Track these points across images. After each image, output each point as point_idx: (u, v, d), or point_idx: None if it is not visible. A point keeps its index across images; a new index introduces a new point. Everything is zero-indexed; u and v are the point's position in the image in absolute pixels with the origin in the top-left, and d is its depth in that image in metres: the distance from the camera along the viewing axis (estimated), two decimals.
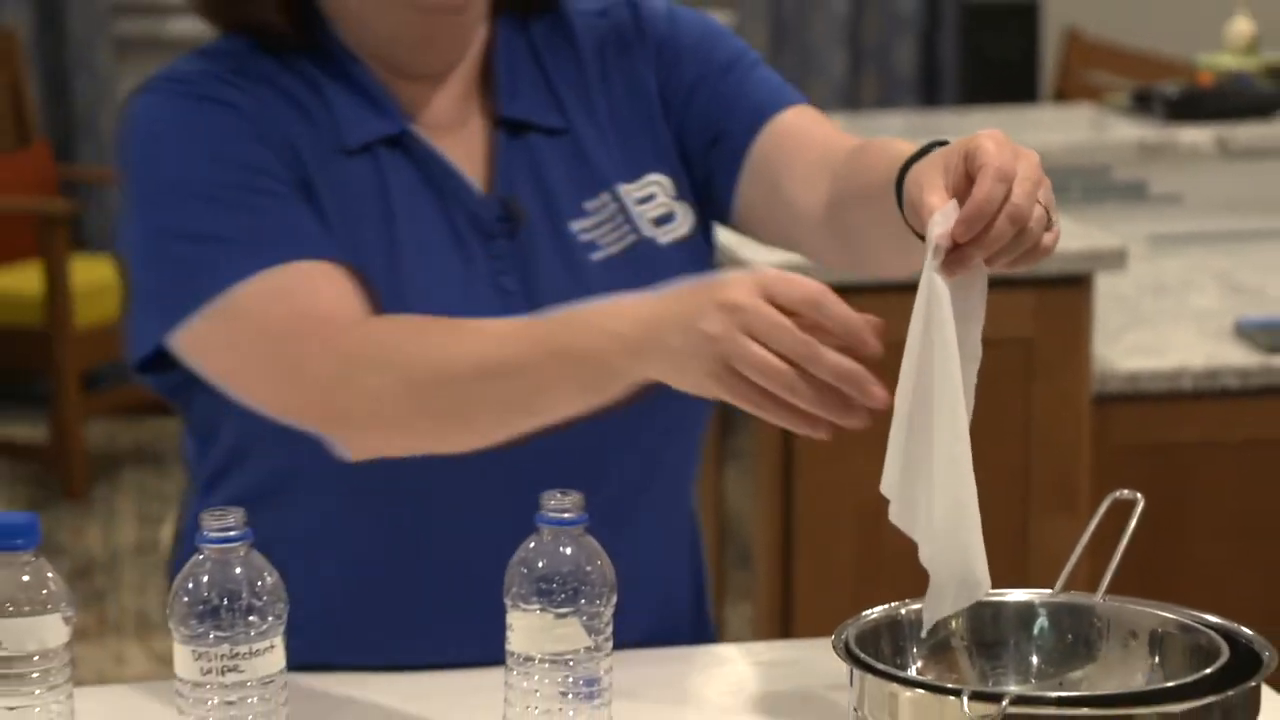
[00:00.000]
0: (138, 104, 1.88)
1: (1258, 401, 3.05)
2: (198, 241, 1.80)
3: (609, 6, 1.98)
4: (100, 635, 5.05)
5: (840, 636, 1.54)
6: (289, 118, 1.87)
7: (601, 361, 1.59)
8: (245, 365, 1.79)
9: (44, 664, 1.51)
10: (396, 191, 1.87)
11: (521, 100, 1.93)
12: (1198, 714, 1.44)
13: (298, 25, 1.89)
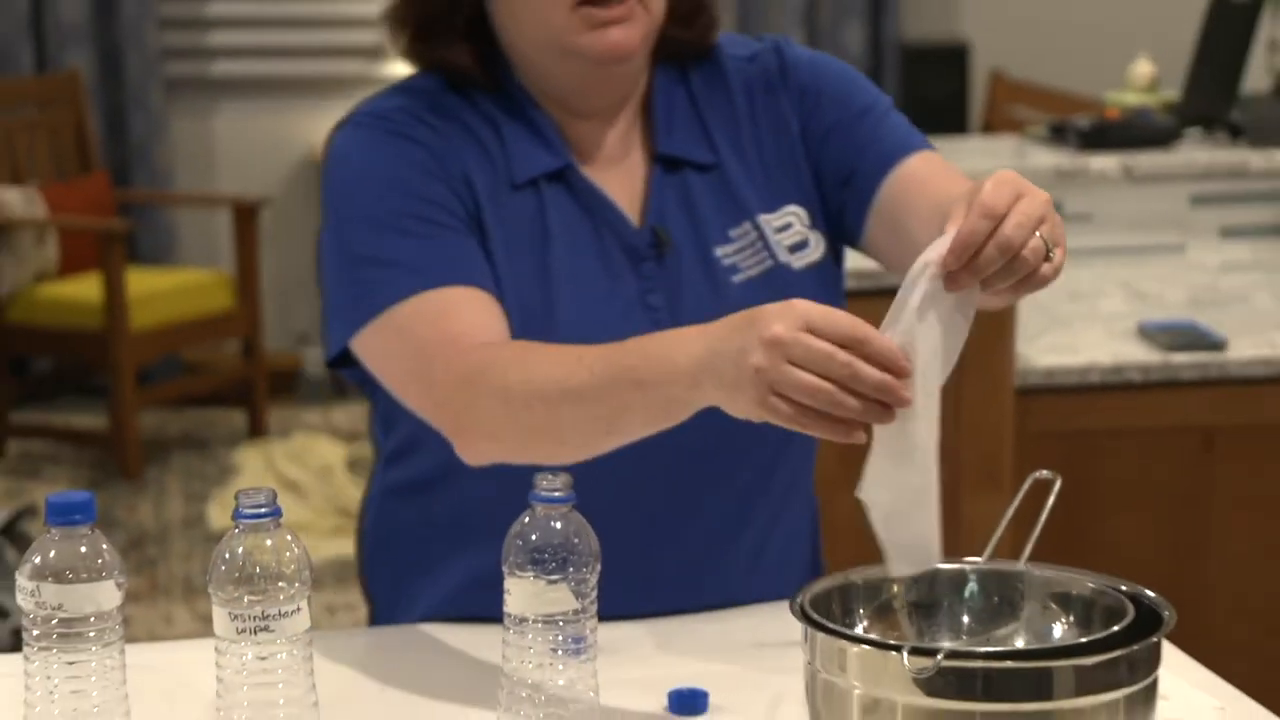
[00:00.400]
0: (340, 136, 1.93)
1: (1157, 394, 3.06)
2: (373, 264, 1.84)
3: (758, 52, 1.99)
4: (151, 598, 5.04)
5: (796, 600, 1.55)
6: (468, 152, 1.90)
7: (666, 391, 1.60)
8: (396, 373, 1.84)
9: (99, 624, 1.52)
10: (554, 220, 1.90)
11: (677, 138, 1.94)
12: (1107, 665, 1.45)
13: (483, 68, 1.92)
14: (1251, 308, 3.39)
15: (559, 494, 1.56)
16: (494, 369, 1.73)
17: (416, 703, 1.79)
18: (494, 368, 1.73)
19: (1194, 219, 3.79)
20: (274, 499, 1.54)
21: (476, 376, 1.74)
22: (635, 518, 1.91)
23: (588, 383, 1.66)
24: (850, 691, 1.48)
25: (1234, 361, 3.07)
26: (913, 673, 1.44)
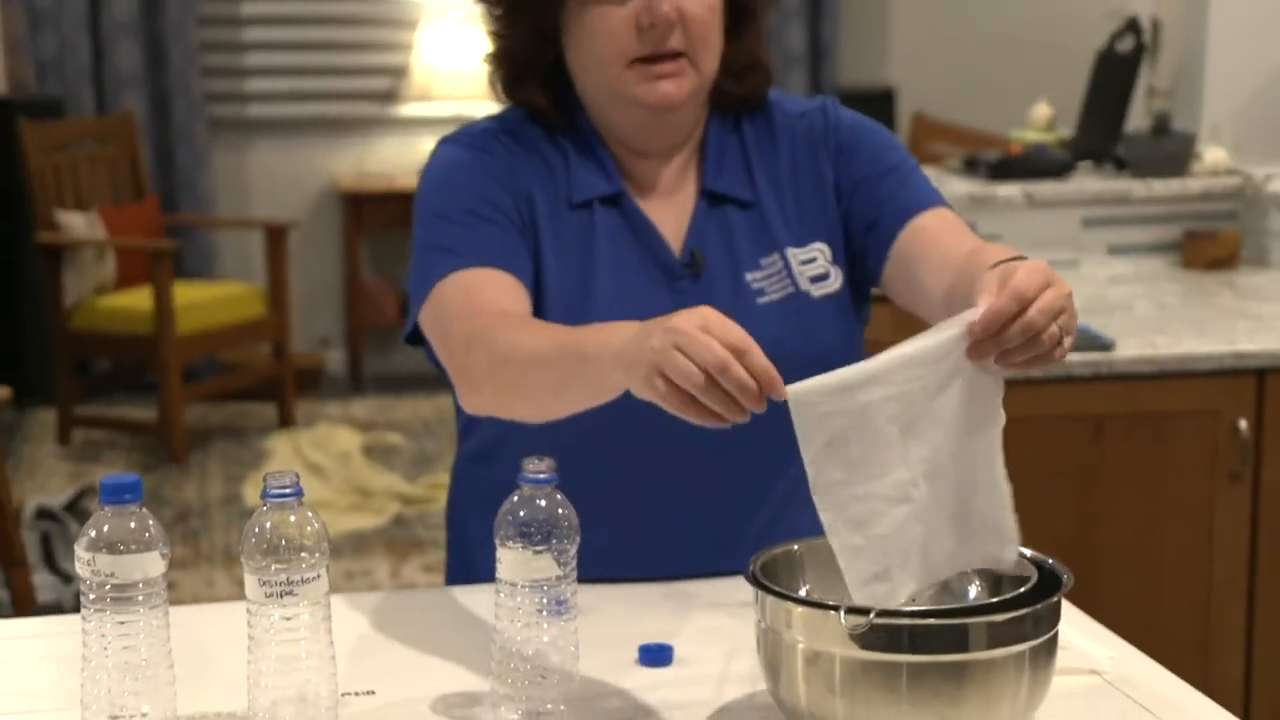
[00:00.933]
0: (437, 149, 1.97)
1: (1055, 388, 3.06)
2: (435, 249, 1.88)
3: (807, 111, 2.00)
4: (195, 566, 5.03)
5: (749, 569, 1.55)
6: (535, 173, 1.93)
7: (598, 366, 1.60)
8: (434, 336, 1.86)
9: (146, 590, 1.51)
10: (602, 238, 1.91)
11: (724, 178, 1.95)
12: (1015, 622, 1.46)
13: (558, 108, 1.94)
14: (1134, 314, 3.39)
15: (543, 476, 1.56)
16: (489, 333, 1.75)
17: (420, 656, 1.78)
18: (489, 332, 1.76)
19: (1085, 239, 3.80)
20: (297, 481, 1.53)
21: (475, 337, 1.76)
22: (661, 496, 1.92)
23: (546, 352, 1.68)
24: (795, 645, 1.48)
25: (1120, 360, 3.07)
26: (849, 629, 1.44)
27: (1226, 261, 3.77)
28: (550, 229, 1.91)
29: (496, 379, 1.74)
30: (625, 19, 1.85)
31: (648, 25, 1.84)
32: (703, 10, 1.86)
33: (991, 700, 1.46)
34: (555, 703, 1.59)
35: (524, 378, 1.71)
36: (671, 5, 1.83)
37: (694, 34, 1.86)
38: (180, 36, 6.95)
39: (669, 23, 1.83)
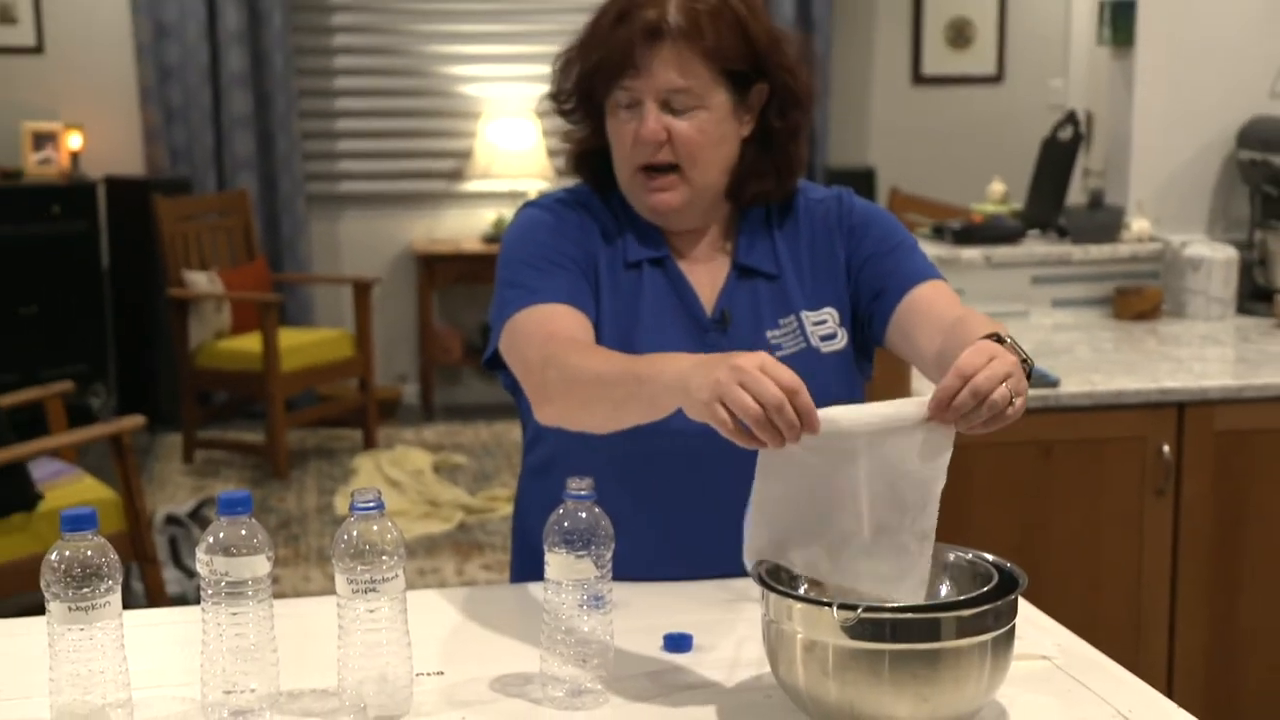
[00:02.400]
0: (521, 210, 1.98)
1: None
2: (514, 286, 1.87)
3: (825, 198, 1.99)
4: (294, 564, 5.02)
5: (756, 571, 1.55)
6: (598, 236, 1.94)
7: (654, 390, 1.61)
8: (514, 359, 1.85)
9: (254, 586, 1.51)
10: (648, 293, 1.91)
11: (754, 255, 1.95)
12: (979, 616, 1.46)
13: (613, 183, 1.94)
14: (1075, 357, 3.38)
15: (584, 493, 1.56)
16: (561, 355, 1.75)
17: (483, 639, 1.77)
18: (561, 354, 1.75)
19: (1034, 294, 3.79)
20: (379, 496, 1.54)
21: (550, 359, 1.76)
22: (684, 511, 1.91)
23: (609, 374, 1.68)
24: (795, 635, 1.47)
25: (1064, 395, 3.06)
26: (840, 622, 1.43)
27: (1150, 313, 3.77)
28: (609, 282, 1.91)
29: (567, 395, 1.73)
30: (630, 131, 1.86)
31: (639, 141, 1.85)
32: (690, 132, 1.85)
33: (960, 681, 1.45)
34: (594, 682, 1.58)
35: (590, 395, 1.71)
36: (659, 125, 1.84)
37: (683, 151, 1.85)
38: (285, 128, 6.99)
39: (653, 141, 1.84)
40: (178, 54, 6.88)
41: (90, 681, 1.46)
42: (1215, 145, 3.94)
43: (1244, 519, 3.15)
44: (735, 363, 1.49)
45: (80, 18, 6.90)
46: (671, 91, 1.83)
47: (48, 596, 1.45)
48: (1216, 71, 3.90)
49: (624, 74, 1.83)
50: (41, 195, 6.62)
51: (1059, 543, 3.09)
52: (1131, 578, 3.13)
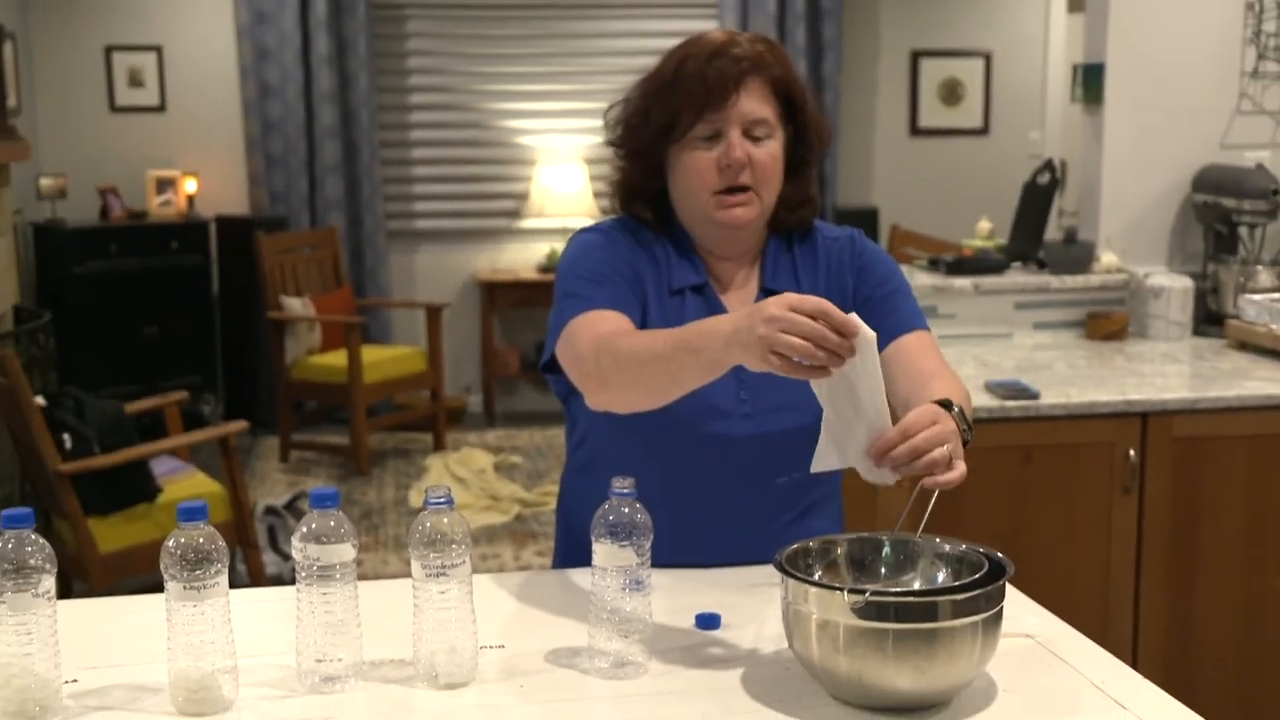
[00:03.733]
0: (576, 234, 1.95)
1: (996, 425, 3.04)
2: (571, 297, 1.84)
3: (840, 236, 1.97)
4: (375, 550, 5.03)
5: (776, 558, 1.53)
6: (647, 263, 1.91)
7: (708, 355, 1.59)
8: (565, 358, 1.81)
9: (342, 570, 1.51)
10: (689, 316, 1.87)
11: (778, 280, 1.92)
12: (972, 599, 1.44)
13: (660, 219, 1.93)
14: (1053, 372, 3.36)
15: (626, 490, 1.55)
16: (611, 342, 1.72)
17: (538, 617, 1.76)
18: (610, 341, 1.73)
19: (1016, 317, 3.77)
20: (449, 493, 1.53)
21: (601, 347, 1.73)
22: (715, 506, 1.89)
23: (661, 350, 1.64)
24: (810, 616, 1.46)
25: (1043, 405, 3.05)
26: (850, 604, 1.42)
27: (1118, 335, 3.75)
28: (655, 306, 1.89)
29: (623, 376, 1.70)
30: (710, 160, 1.84)
31: (725, 165, 1.83)
32: (766, 157, 1.84)
33: (954, 657, 1.43)
34: (634, 655, 1.57)
35: (645, 373, 1.67)
36: (743, 151, 1.83)
37: (758, 174, 1.84)
38: (369, 174, 7.02)
39: (740, 164, 1.83)
40: (278, 111, 6.93)
41: (202, 651, 1.46)
42: (1173, 189, 3.93)
43: (1199, 514, 3.12)
44: (768, 314, 1.48)
45: (196, 81, 6.95)
46: (754, 121, 1.83)
47: (166, 577, 1.45)
48: (1174, 126, 3.90)
49: (711, 107, 1.82)
50: (162, 233, 6.68)
51: (1038, 535, 3.07)
52: (1101, 565, 3.10)
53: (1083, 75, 4.00)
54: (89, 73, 6.87)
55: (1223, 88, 3.90)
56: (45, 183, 6.54)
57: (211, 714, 1.47)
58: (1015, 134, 7.60)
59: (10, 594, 1.42)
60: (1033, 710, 1.50)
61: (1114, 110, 3.90)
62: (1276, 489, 3.13)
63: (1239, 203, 3.73)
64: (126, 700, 1.51)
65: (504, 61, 7.17)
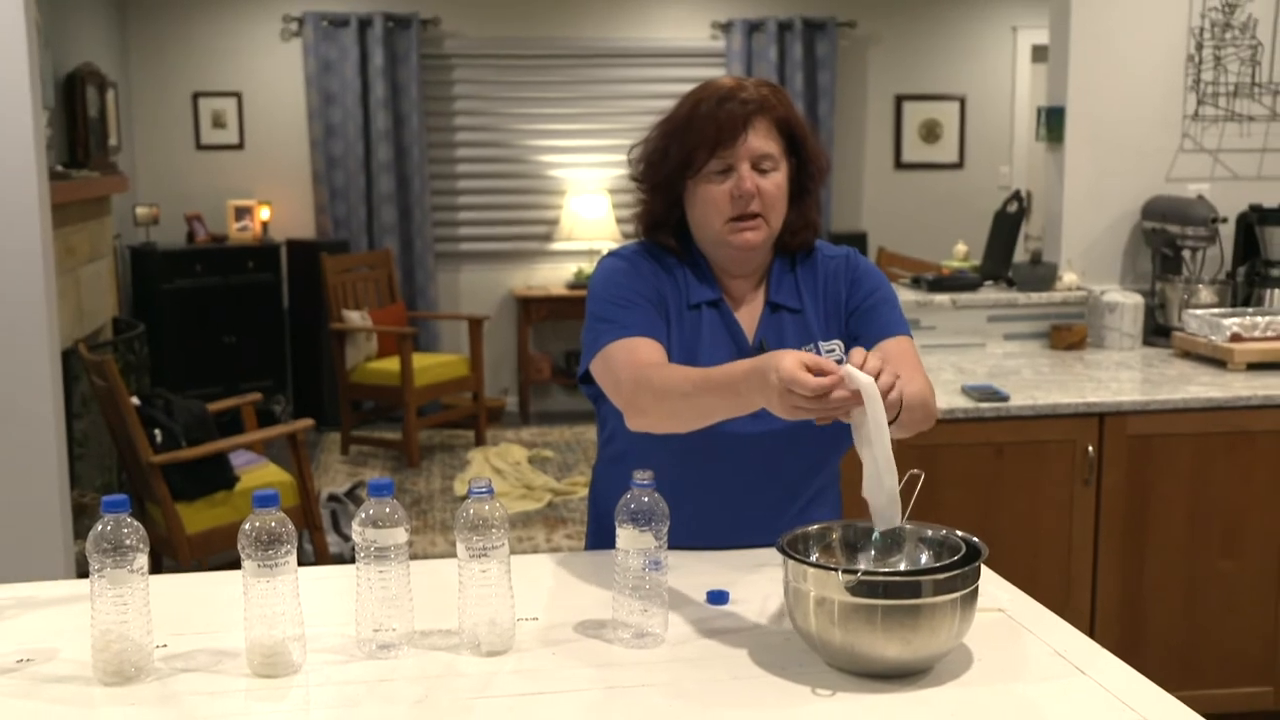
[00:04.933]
0: (604, 259, 1.93)
1: (971, 424, 3.02)
2: (602, 321, 1.83)
3: (837, 255, 1.95)
4: (423, 533, 5.03)
5: (778, 542, 1.52)
6: (667, 283, 1.89)
7: (734, 394, 1.59)
8: (606, 382, 1.81)
9: (396, 551, 1.50)
10: (705, 329, 1.87)
11: (782, 294, 1.91)
12: (951, 578, 1.43)
13: (681, 243, 1.92)
14: (1021, 377, 3.34)
15: (646, 482, 1.54)
16: (649, 377, 1.72)
17: (566, 594, 1.75)
18: (649, 376, 1.72)
19: (989, 329, 3.75)
20: (490, 484, 1.52)
21: (640, 381, 1.72)
22: (727, 496, 1.87)
23: (691, 388, 1.65)
24: (808, 593, 1.45)
25: (1013, 406, 3.03)
26: (844, 583, 1.40)
27: (1078, 345, 3.72)
28: (675, 321, 1.88)
29: (658, 407, 1.70)
30: (724, 192, 1.83)
31: (737, 196, 1.82)
32: (773, 187, 1.84)
33: (936, 629, 1.42)
34: (654, 626, 1.56)
35: (676, 406, 1.67)
36: (752, 184, 1.82)
37: (766, 202, 1.83)
38: (420, 203, 7.02)
39: (750, 195, 1.82)
40: (341, 148, 6.94)
41: (274, 621, 1.46)
42: (1125, 217, 3.91)
43: (1149, 502, 3.10)
44: (782, 371, 1.49)
45: (271, 123, 6.98)
46: (761, 156, 1.82)
47: (243, 556, 1.45)
48: (1126, 162, 3.89)
49: (723, 145, 1.81)
50: (240, 254, 6.69)
51: (1008, 521, 3.05)
52: (1063, 547, 3.08)
53: (1046, 117, 3.98)
54: (178, 116, 6.90)
55: (1168, 129, 3.89)
56: (140, 211, 6.57)
57: (282, 675, 1.47)
58: (987, 168, 7.57)
59: (110, 569, 1.42)
60: (1004, 675, 1.48)
61: (1073, 148, 3.89)
62: (1217, 480, 3.11)
63: (1183, 229, 3.72)
64: (209, 663, 1.51)
65: (538, 104, 7.17)
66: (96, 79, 5.86)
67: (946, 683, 1.45)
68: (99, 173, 5.41)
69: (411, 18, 6.89)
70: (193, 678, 1.48)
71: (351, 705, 1.41)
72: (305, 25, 6.85)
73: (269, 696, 1.43)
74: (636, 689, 1.45)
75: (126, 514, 1.44)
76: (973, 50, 7.51)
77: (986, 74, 7.53)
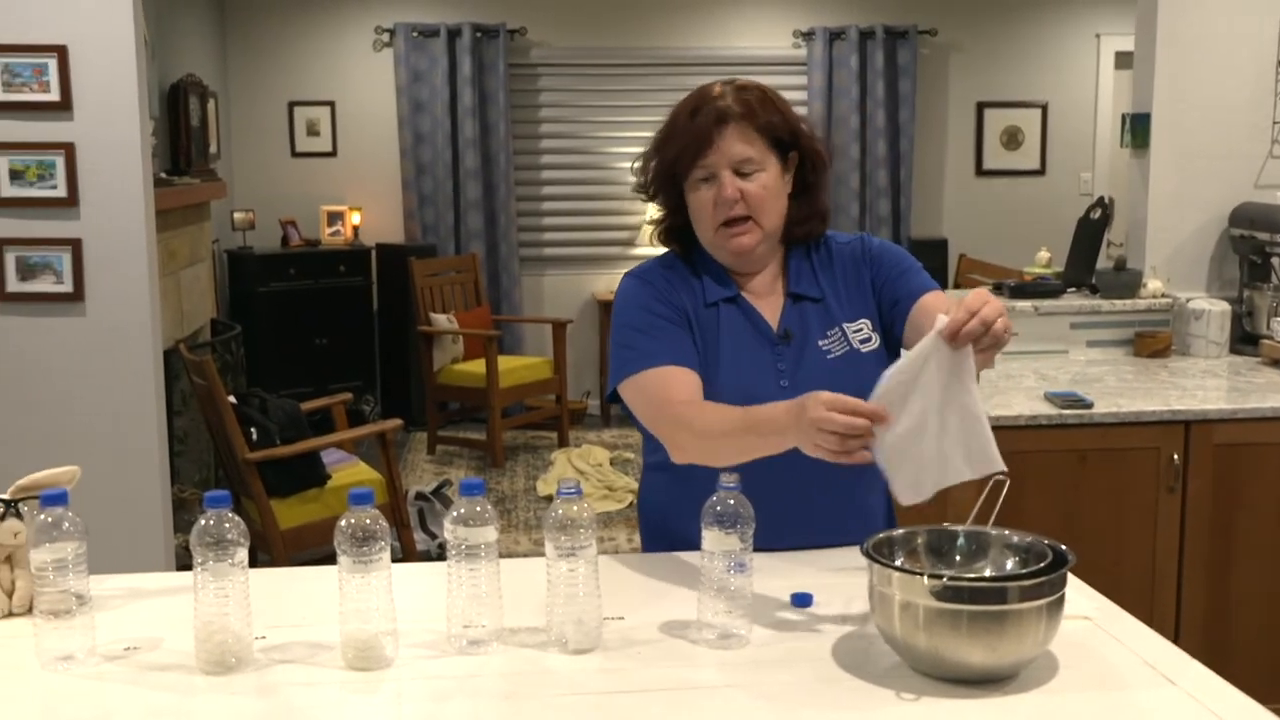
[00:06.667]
0: (623, 280, 1.94)
1: (1054, 431, 2.97)
2: (626, 348, 1.84)
3: (851, 240, 1.95)
4: (507, 532, 5.05)
5: (863, 546, 1.51)
6: (684, 289, 1.90)
7: (769, 436, 1.61)
8: (641, 413, 1.83)
9: (486, 550, 1.51)
10: (725, 324, 1.87)
11: (801, 284, 1.91)
12: (1039, 585, 1.40)
13: (691, 251, 1.93)
14: (1105, 385, 3.28)
15: (733, 484, 1.53)
16: (688, 418, 1.73)
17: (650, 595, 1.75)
18: (688, 417, 1.73)
19: (1072, 336, 3.69)
20: (578, 485, 1.52)
21: (680, 421, 1.73)
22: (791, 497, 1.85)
23: (730, 429, 1.67)
24: (893, 598, 1.43)
25: (1097, 414, 2.98)
26: (929, 588, 1.39)
27: (1163, 352, 3.65)
28: (696, 322, 1.88)
29: (700, 447, 1.71)
30: (709, 199, 1.84)
31: (719, 203, 1.83)
32: (756, 189, 1.83)
33: (1022, 636, 1.40)
34: (738, 628, 1.55)
35: (719, 446, 1.68)
36: (734, 189, 1.82)
37: (753, 204, 1.83)
38: (505, 209, 7.07)
39: (731, 201, 1.82)
40: (429, 156, 7.02)
41: (368, 615, 1.48)
42: (1212, 224, 3.83)
43: (1235, 511, 3.03)
44: (814, 415, 1.51)
45: (362, 131, 7.08)
46: (740, 160, 1.82)
47: (339, 552, 1.46)
48: (1212, 168, 3.81)
49: (701, 153, 1.82)
50: (332, 258, 6.79)
51: (1092, 528, 2.99)
52: (1147, 555, 3.02)
53: (1131, 123, 3.91)
54: (275, 124, 7.02)
55: (1256, 134, 3.80)
56: (238, 216, 6.70)
57: (376, 669, 1.49)
58: (1068, 175, 7.45)
59: (212, 563, 1.45)
60: (1091, 684, 1.45)
61: (1158, 154, 3.82)
62: None
63: (1272, 236, 3.63)
64: (305, 655, 1.53)
65: (621, 111, 7.19)
66: (198, 89, 5.98)
67: (1032, 690, 1.42)
68: (199, 179, 5.52)
69: (499, 28, 6.95)
70: (290, 669, 1.50)
71: (442, 699, 1.41)
72: (396, 36, 6.94)
73: (363, 689, 1.45)
74: (721, 689, 1.44)
75: (228, 509, 1.46)
76: (1055, 57, 7.39)
77: (1069, 80, 7.41)
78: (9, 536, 1.66)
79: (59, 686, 1.46)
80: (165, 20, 5.70)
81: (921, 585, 1.39)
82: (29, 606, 1.64)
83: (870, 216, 7.21)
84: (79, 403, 3.58)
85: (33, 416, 3.57)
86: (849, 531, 1.81)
